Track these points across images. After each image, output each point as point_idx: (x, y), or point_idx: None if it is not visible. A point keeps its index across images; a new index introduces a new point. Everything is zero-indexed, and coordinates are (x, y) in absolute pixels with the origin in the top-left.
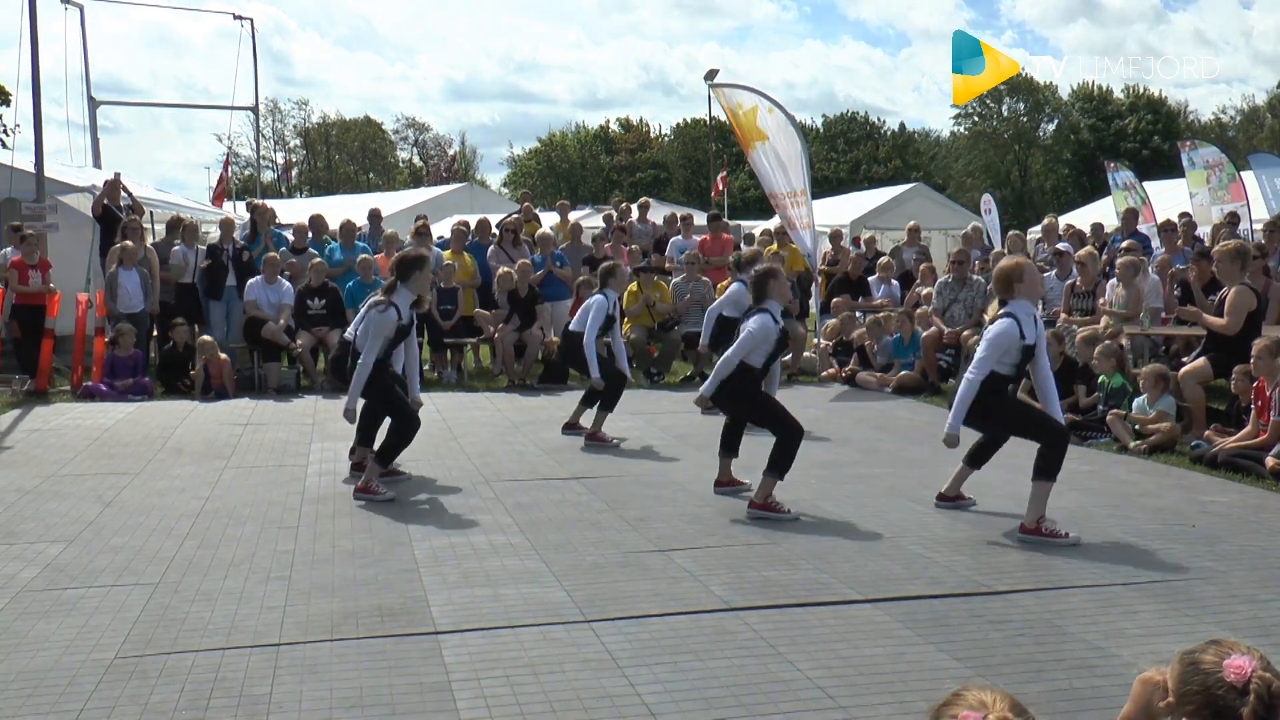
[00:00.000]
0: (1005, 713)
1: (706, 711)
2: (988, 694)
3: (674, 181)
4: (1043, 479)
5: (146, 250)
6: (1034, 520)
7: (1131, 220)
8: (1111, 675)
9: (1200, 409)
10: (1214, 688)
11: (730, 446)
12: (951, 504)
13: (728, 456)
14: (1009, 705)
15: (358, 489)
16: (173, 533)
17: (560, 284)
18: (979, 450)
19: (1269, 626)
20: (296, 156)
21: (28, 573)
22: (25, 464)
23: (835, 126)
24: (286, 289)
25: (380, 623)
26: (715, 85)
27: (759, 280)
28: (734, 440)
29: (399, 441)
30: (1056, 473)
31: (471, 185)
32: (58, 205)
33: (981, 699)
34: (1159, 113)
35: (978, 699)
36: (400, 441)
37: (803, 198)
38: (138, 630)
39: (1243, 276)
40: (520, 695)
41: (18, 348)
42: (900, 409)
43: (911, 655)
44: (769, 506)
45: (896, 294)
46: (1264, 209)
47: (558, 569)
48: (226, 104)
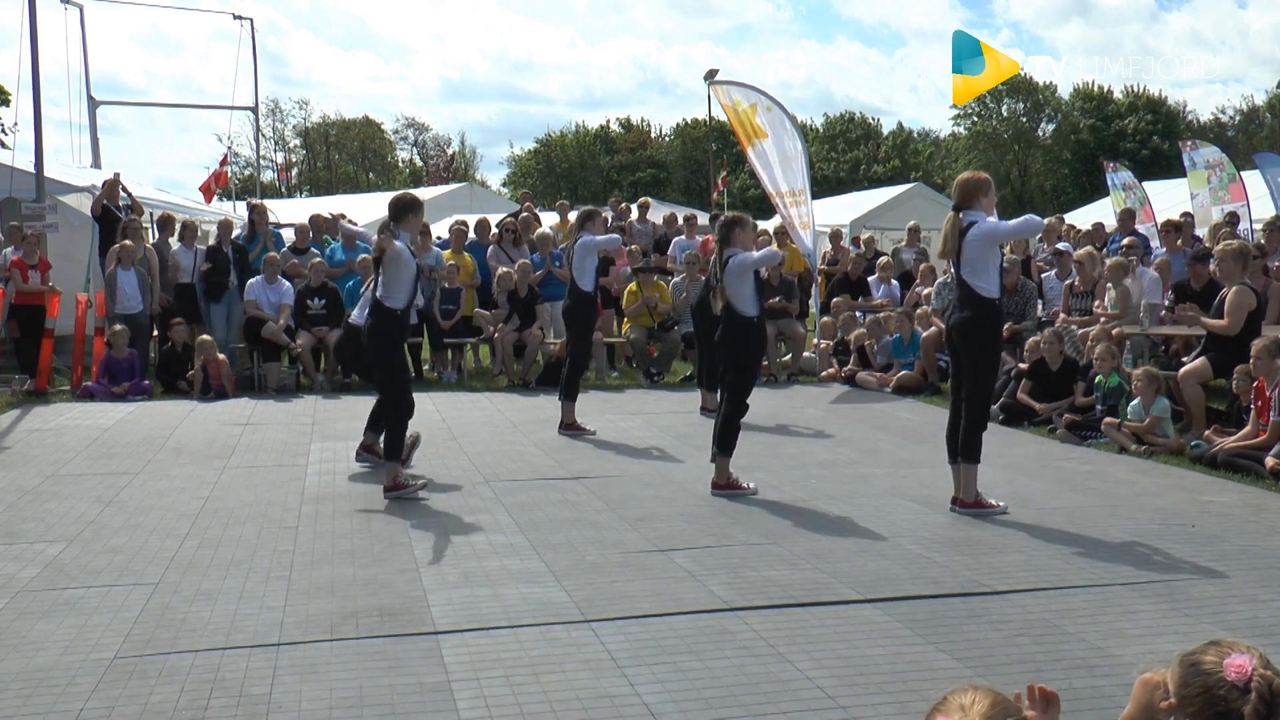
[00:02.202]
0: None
1: (706, 711)
2: (969, 695)
3: (673, 181)
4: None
5: (145, 250)
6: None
7: (1128, 220)
8: (1111, 675)
9: (1200, 409)
10: (1215, 688)
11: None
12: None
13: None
14: (986, 707)
15: (387, 488)
16: (172, 533)
17: (559, 284)
18: (950, 440)
19: (1269, 626)
20: (296, 156)
21: (27, 572)
22: (25, 464)
23: (835, 126)
24: (286, 289)
25: (380, 623)
26: (714, 83)
27: (725, 226)
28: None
29: (395, 431)
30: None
31: (471, 185)
32: (57, 205)
33: (961, 703)
34: (1159, 113)
35: (957, 703)
36: (395, 430)
37: (802, 197)
38: (137, 630)
39: (1243, 276)
40: (520, 695)
41: (18, 348)
42: (900, 409)
43: (911, 655)
44: (730, 485)
45: (896, 294)
46: (1269, 208)
47: (558, 569)
48: (224, 104)
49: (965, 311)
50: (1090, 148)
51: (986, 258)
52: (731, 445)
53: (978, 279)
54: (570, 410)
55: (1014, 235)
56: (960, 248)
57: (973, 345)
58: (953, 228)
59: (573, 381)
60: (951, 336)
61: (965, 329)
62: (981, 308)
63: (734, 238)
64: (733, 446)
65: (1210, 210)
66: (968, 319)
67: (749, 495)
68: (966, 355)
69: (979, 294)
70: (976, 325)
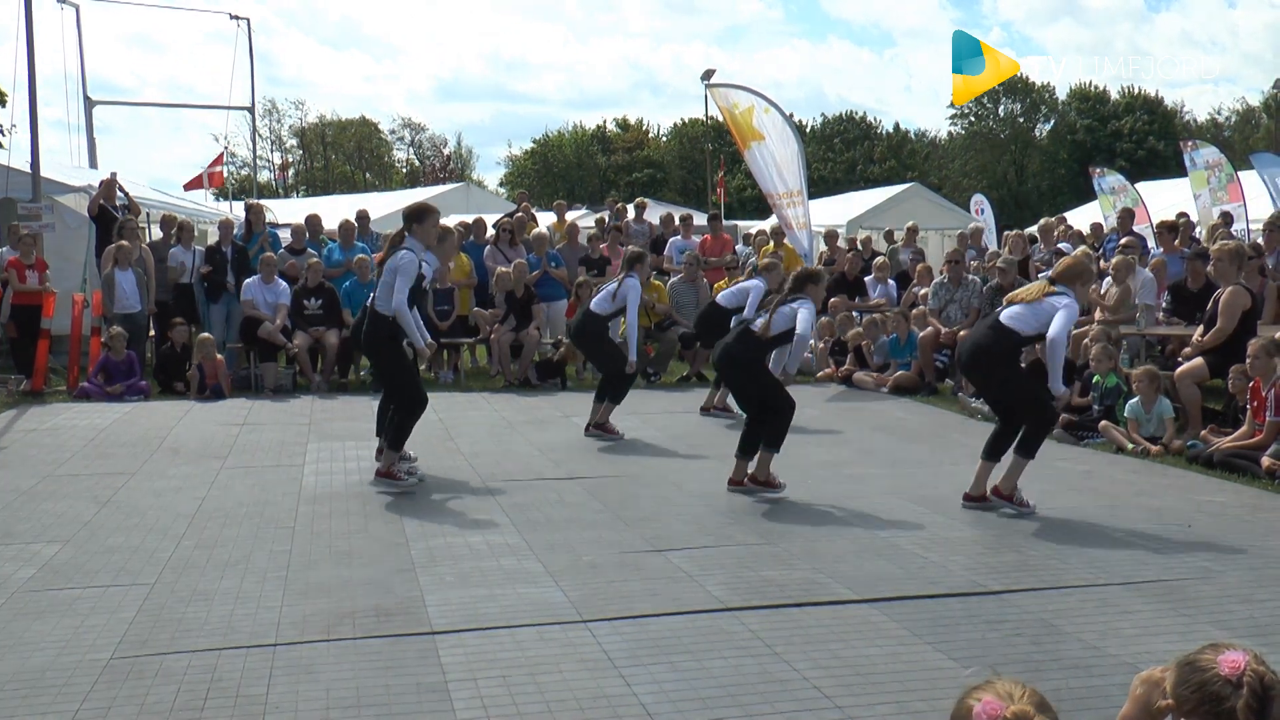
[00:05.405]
0: (1026, 706)
1: (703, 711)
2: (1017, 687)
3: (670, 181)
4: (1024, 454)
5: (142, 250)
6: (1009, 488)
7: (1128, 220)
8: (1108, 675)
9: (1196, 409)
10: (1209, 684)
11: (748, 448)
12: (978, 504)
13: (745, 458)
14: (1035, 703)
15: (379, 473)
16: (169, 533)
17: (555, 284)
18: (994, 443)
19: (1265, 626)
20: (293, 157)
21: (24, 573)
22: (21, 464)
23: (831, 127)
24: (283, 289)
25: (377, 623)
26: (711, 85)
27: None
28: (753, 443)
29: (405, 422)
30: (1036, 451)
31: (468, 185)
32: (53, 205)
33: (1010, 690)
34: (1155, 113)
35: (1006, 690)
36: (406, 422)
37: (799, 198)
38: (134, 631)
39: (1238, 277)
40: (517, 696)
41: (14, 348)
42: (897, 409)
43: (908, 655)
44: (769, 483)
45: (893, 294)
46: (1265, 209)
47: (554, 569)
48: (219, 104)
49: (984, 341)
50: (1087, 148)
51: (1038, 321)
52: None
53: (1017, 322)
54: (607, 411)
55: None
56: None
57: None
58: (1041, 291)
59: (620, 390)
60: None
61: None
62: (1005, 337)
63: (807, 290)
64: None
65: (1211, 210)
66: (982, 346)
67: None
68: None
69: (1008, 327)
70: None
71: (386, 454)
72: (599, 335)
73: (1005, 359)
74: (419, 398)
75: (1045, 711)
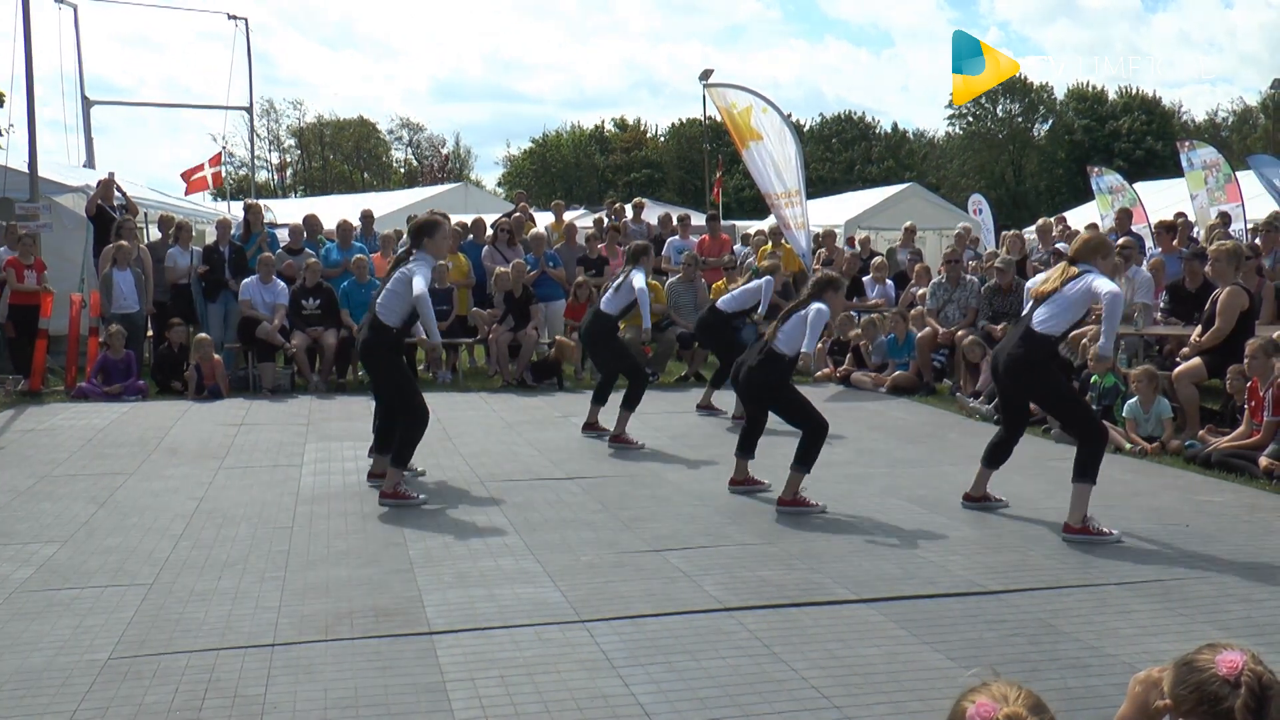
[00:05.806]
0: (1019, 708)
1: (701, 711)
2: (1012, 689)
3: (669, 181)
4: (1084, 479)
5: (140, 250)
6: (1078, 519)
7: (1126, 219)
8: (1106, 675)
9: (1194, 409)
10: (1207, 684)
11: (748, 447)
12: (978, 504)
13: (745, 457)
14: (1029, 704)
15: (384, 494)
16: (167, 533)
17: (553, 284)
18: (995, 450)
19: (1263, 626)
20: (291, 157)
21: (21, 573)
22: (19, 464)
23: (829, 127)
24: (281, 289)
25: (375, 623)
26: (709, 85)
27: (821, 285)
28: (752, 441)
29: (411, 438)
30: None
31: (466, 185)
32: (51, 205)
33: (1005, 692)
34: (1153, 113)
35: (1001, 692)
36: (412, 438)
37: (797, 198)
38: (132, 631)
39: (1236, 277)
40: (515, 696)
41: (12, 348)
42: (895, 409)
43: (906, 655)
44: (798, 501)
45: (891, 294)
46: (1263, 209)
47: (552, 569)
48: (216, 104)
49: (1017, 352)
50: (1084, 148)
51: (1071, 313)
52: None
53: (1049, 325)
54: (623, 421)
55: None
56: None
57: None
58: (1062, 273)
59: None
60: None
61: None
62: (1041, 346)
63: (826, 296)
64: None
65: (1209, 211)
66: (1017, 358)
67: (815, 511)
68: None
69: (1041, 334)
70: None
71: (391, 473)
72: (606, 335)
73: (1043, 367)
74: (423, 412)
75: (1041, 713)
